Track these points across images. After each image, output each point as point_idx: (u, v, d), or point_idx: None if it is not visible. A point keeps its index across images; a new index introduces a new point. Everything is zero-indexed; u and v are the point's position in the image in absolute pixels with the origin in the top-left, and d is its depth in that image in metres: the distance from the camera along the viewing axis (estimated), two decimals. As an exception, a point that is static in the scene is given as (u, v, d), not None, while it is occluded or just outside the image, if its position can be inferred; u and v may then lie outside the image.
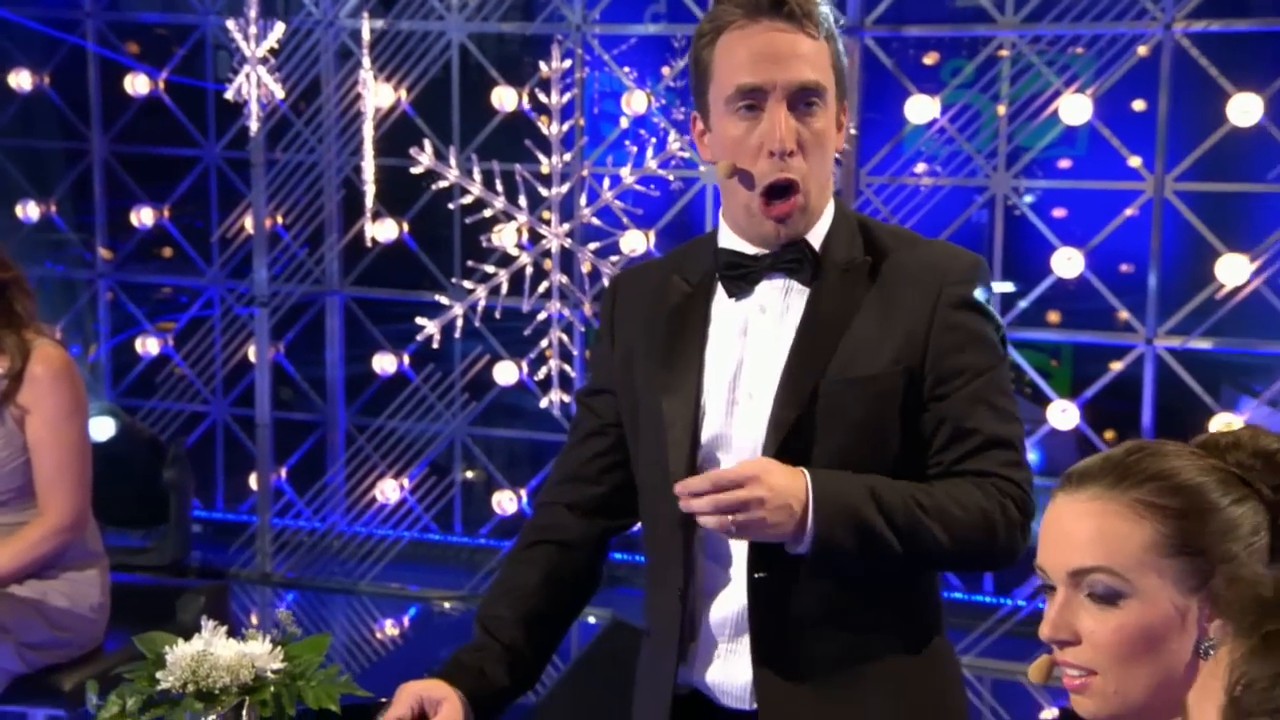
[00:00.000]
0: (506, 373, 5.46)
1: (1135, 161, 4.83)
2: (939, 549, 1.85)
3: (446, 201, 5.31)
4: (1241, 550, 1.38)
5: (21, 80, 6.02)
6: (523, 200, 5.16)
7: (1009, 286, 5.64)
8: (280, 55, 5.44)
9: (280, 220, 5.76)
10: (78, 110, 6.05)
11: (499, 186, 5.17)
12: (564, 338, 5.25)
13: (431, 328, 5.30)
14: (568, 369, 5.28)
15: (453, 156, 5.17)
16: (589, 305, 5.23)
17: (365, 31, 5.39)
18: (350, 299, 5.77)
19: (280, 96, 5.43)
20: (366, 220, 5.45)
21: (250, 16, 5.31)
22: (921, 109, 5.00)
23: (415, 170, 5.20)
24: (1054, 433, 5.02)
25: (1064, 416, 4.94)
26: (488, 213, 5.18)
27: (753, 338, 1.97)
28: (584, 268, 5.22)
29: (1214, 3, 4.66)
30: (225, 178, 5.94)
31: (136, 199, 6.03)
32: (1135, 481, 1.40)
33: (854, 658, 1.94)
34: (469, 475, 5.87)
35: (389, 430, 5.68)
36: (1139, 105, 5.31)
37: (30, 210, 6.05)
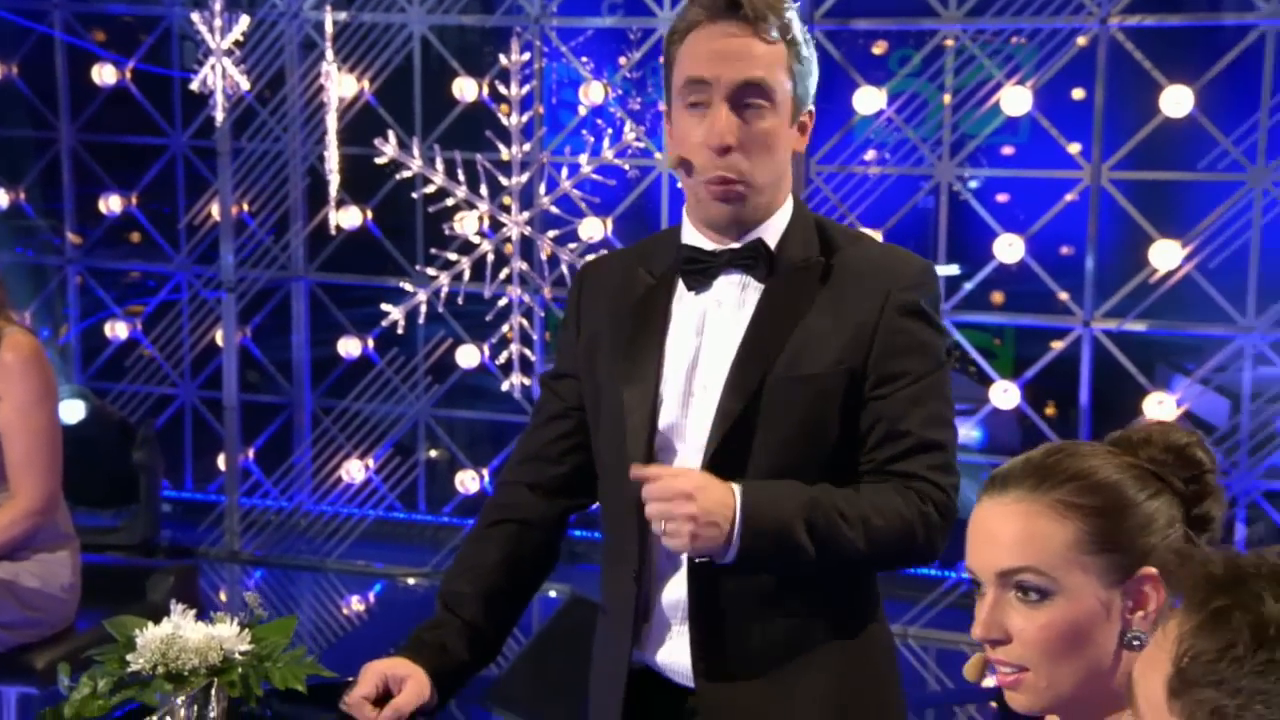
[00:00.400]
0: (468, 356, 5.46)
1: (1075, 149, 4.88)
2: (858, 556, 1.87)
3: (409, 189, 5.30)
4: (1159, 543, 1.40)
5: (-10, 70, 5.96)
6: (484, 189, 5.15)
7: (954, 270, 5.69)
8: (245, 47, 5.40)
9: (246, 207, 5.73)
10: (46, 99, 6.00)
11: (460, 175, 5.16)
12: (524, 322, 5.26)
13: (396, 314, 5.29)
14: (528, 353, 5.28)
15: (416, 147, 5.16)
16: (549, 290, 5.24)
17: (328, 24, 5.36)
18: (315, 284, 5.76)
19: (245, 88, 5.39)
20: (331, 208, 5.43)
21: (215, 9, 5.26)
22: (869, 100, 5.02)
23: (380, 160, 5.19)
24: (996, 411, 5.08)
25: (1005, 396, 4.99)
26: (450, 201, 5.18)
27: (709, 331, 1.98)
28: (543, 254, 5.23)
29: (1148, -2, 4.72)
30: (192, 166, 5.89)
31: (105, 186, 5.98)
32: (1056, 482, 1.42)
33: (791, 643, 1.96)
34: (432, 455, 5.87)
35: (354, 412, 5.67)
36: (1078, 94, 5.36)
37: (-1, 198, 6.01)
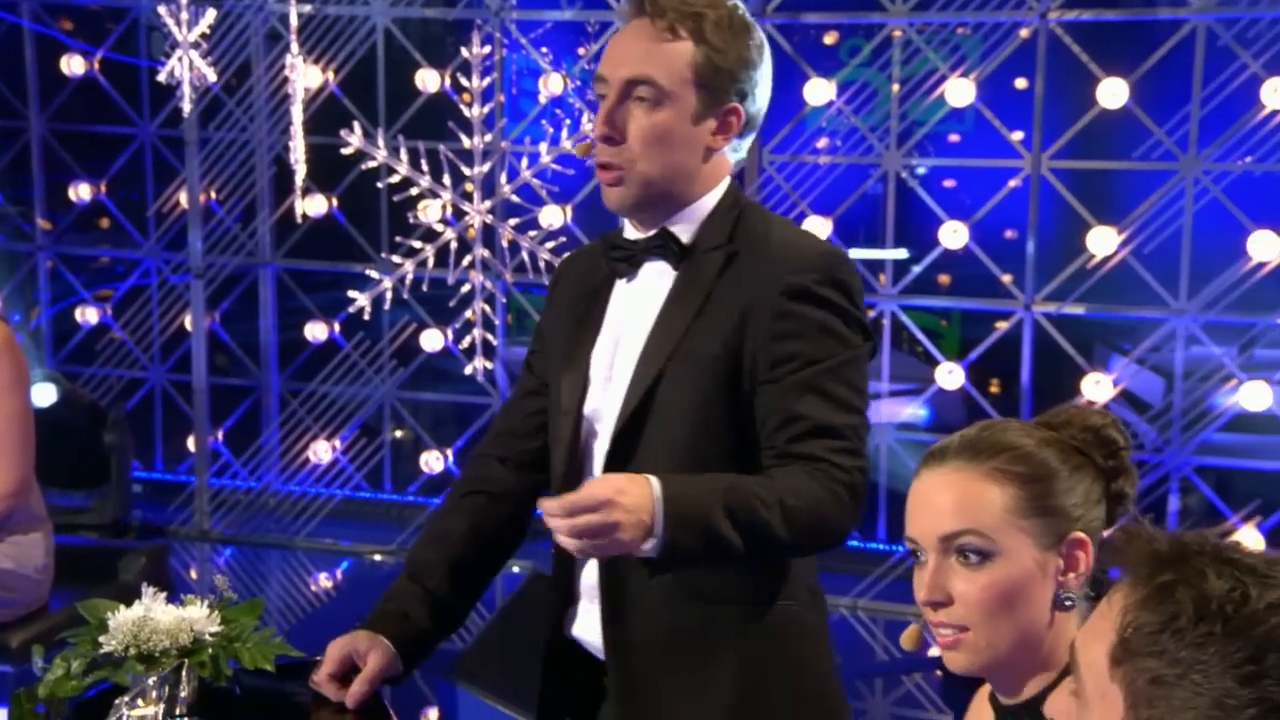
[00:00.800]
0: (433, 340, 5.45)
1: (1017, 136, 4.91)
2: (779, 542, 1.82)
3: (374, 178, 5.28)
4: (1085, 511, 1.47)
5: (-42, 60, 5.88)
6: (446, 178, 5.14)
7: (903, 254, 5.72)
8: (211, 39, 5.36)
9: (214, 195, 5.69)
10: (15, 89, 5.92)
11: (424, 165, 5.15)
12: (486, 308, 5.25)
13: (363, 300, 5.27)
14: (490, 337, 5.28)
15: (380, 138, 5.14)
16: (510, 276, 5.24)
17: (293, 16, 5.32)
18: (282, 270, 5.73)
19: (212, 79, 5.35)
20: (297, 196, 5.40)
21: (181, 2, 5.22)
22: (818, 91, 5.04)
23: (346, 151, 5.16)
24: (942, 391, 5.13)
25: (950, 377, 5.03)
26: (414, 190, 5.16)
27: (630, 317, 1.97)
28: (505, 241, 5.22)
29: (1087, -7, 4.75)
30: (160, 154, 5.85)
31: (74, 174, 5.93)
32: (991, 453, 1.47)
33: (698, 625, 1.92)
34: (398, 436, 5.86)
35: (321, 394, 5.65)
36: (1021, 83, 5.39)
37: (-31, 186, 5.94)
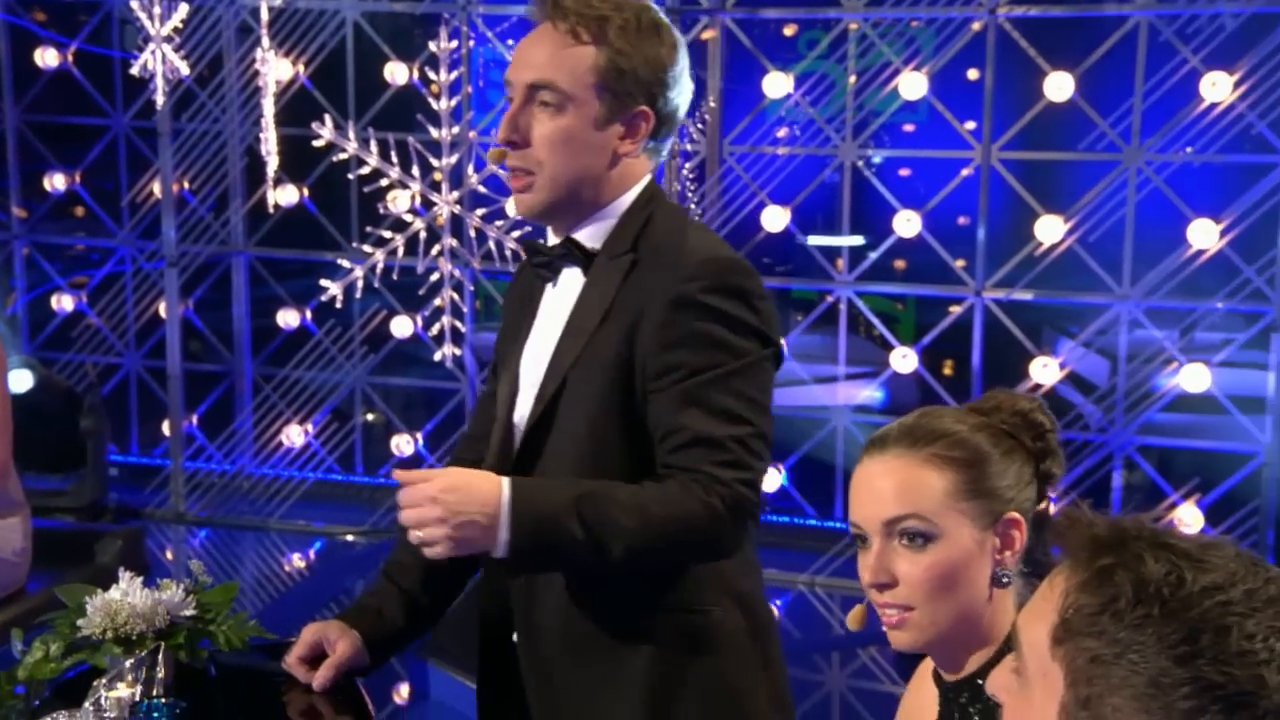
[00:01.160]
0: (402, 326, 5.44)
1: (970, 126, 4.94)
2: (635, 550, 1.73)
3: (344, 169, 5.25)
4: (1017, 492, 1.50)
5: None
6: (415, 169, 5.12)
7: (859, 240, 5.75)
8: (183, 32, 5.31)
9: (187, 185, 5.65)
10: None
11: (393, 156, 5.13)
12: (455, 296, 5.24)
13: (335, 289, 5.25)
14: (459, 324, 5.27)
15: (351, 130, 5.12)
16: (478, 264, 5.23)
17: (264, 10, 5.28)
18: (255, 259, 5.69)
19: (185, 73, 5.30)
20: (269, 186, 5.37)
21: (154, -4, 5.17)
22: (777, 84, 5.05)
23: (317, 143, 5.14)
24: (897, 374, 5.16)
25: (904, 361, 5.07)
26: (384, 182, 5.14)
27: (551, 324, 1.91)
28: (472, 231, 5.21)
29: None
30: (133, 145, 5.80)
31: (49, 164, 5.87)
32: (928, 440, 1.50)
33: (611, 633, 1.85)
34: (369, 419, 5.85)
35: (293, 379, 5.63)
36: (974, 74, 5.41)
37: (-56, 176, 5.87)
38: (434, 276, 5.24)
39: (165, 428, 5.80)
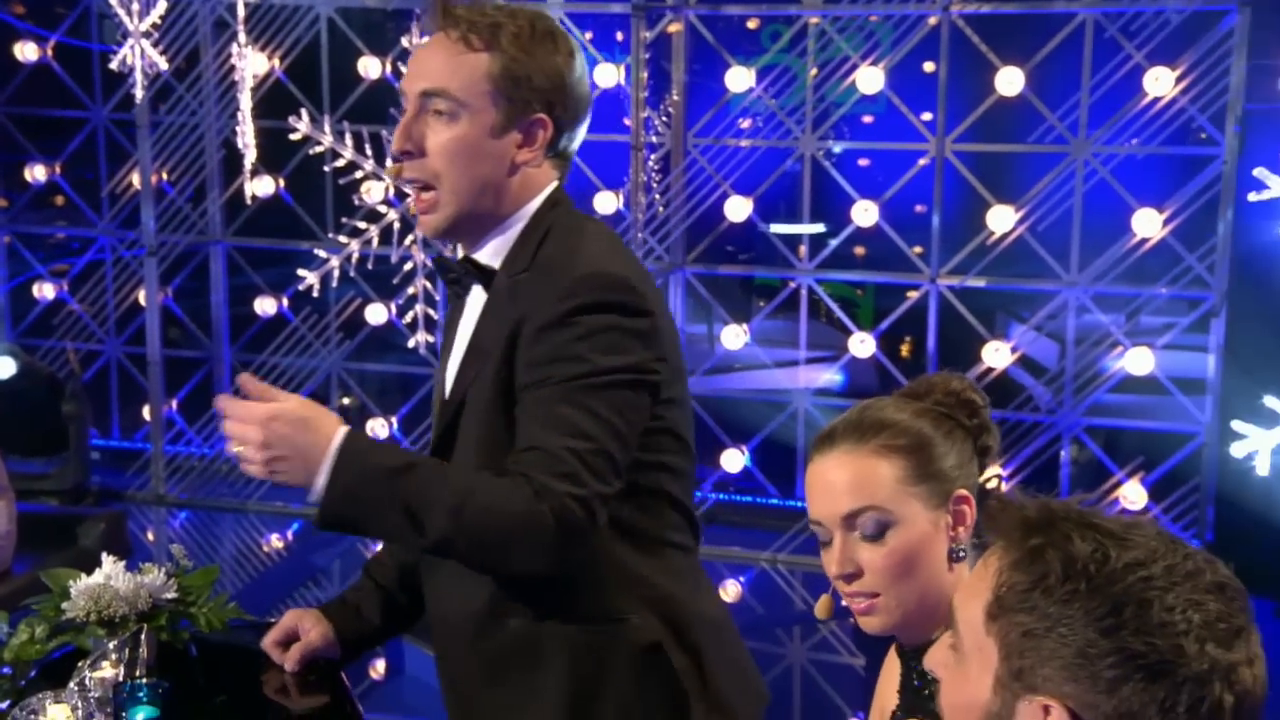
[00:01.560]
0: (377, 314, 5.44)
1: (926, 117, 4.98)
2: (446, 536, 1.66)
3: (320, 160, 5.24)
4: (961, 470, 1.53)
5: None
6: (389, 162, 5.11)
7: (820, 228, 5.78)
8: (161, 27, 5.28)
9: (166, 176, 5.62)
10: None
11: (368, 149, 5.12)
12: (428, 284, 5.25)
13: (311, 278, 5.25)
14: (431, 311, 5.28)
15: (326, 124, 5.11)
16: (449, 253, 5.22)
17: (240, 5, 5.26)
18: (232, 248, 5.68)
19: (164, 67, 5.28)
20: (246, 177, 5.36)
21: (132, -7, 5.14)
22: (739, 79, 5.07)
23: (293, 136, 5.12)
24: (856, 358, 5.20)
25: (862, 346, 5.11)
26: (359, 173, 5.14)
27: (462, 339, 1.85)
28: (444, 220, 5.20)
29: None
30: (113, 137, 5.77)
31: (30, 155, 5.83)
32: (874, 432, 1.52)
33: (523, 644, 1.78)
34: (345, 403, 5.84)
35: (271, 365, 5.62)
36: (930, 67, 5.44)
37: (-73, 167, 5.82)
38: (407, 265, 5.25)
39: (146, 413, 5.78)
